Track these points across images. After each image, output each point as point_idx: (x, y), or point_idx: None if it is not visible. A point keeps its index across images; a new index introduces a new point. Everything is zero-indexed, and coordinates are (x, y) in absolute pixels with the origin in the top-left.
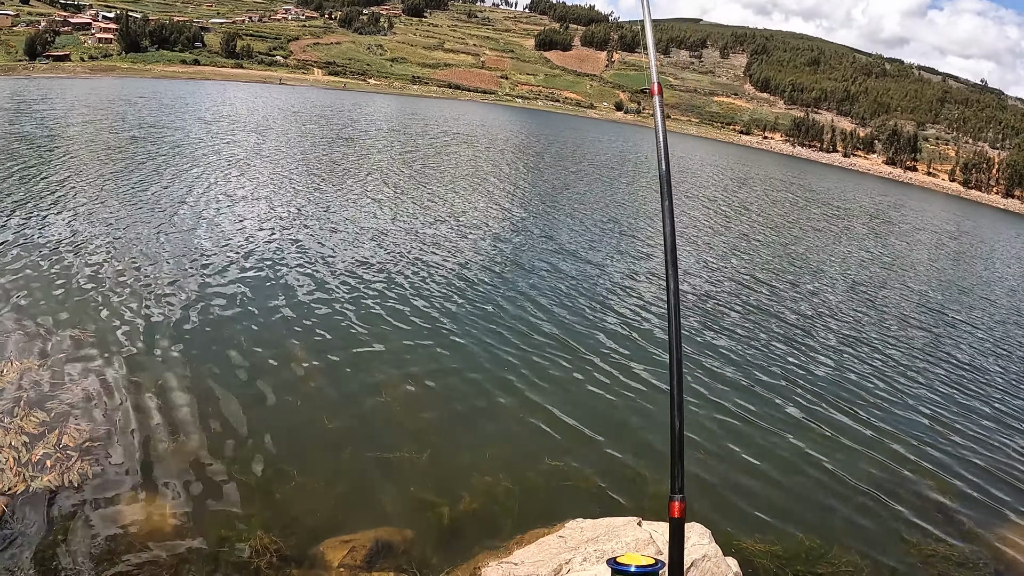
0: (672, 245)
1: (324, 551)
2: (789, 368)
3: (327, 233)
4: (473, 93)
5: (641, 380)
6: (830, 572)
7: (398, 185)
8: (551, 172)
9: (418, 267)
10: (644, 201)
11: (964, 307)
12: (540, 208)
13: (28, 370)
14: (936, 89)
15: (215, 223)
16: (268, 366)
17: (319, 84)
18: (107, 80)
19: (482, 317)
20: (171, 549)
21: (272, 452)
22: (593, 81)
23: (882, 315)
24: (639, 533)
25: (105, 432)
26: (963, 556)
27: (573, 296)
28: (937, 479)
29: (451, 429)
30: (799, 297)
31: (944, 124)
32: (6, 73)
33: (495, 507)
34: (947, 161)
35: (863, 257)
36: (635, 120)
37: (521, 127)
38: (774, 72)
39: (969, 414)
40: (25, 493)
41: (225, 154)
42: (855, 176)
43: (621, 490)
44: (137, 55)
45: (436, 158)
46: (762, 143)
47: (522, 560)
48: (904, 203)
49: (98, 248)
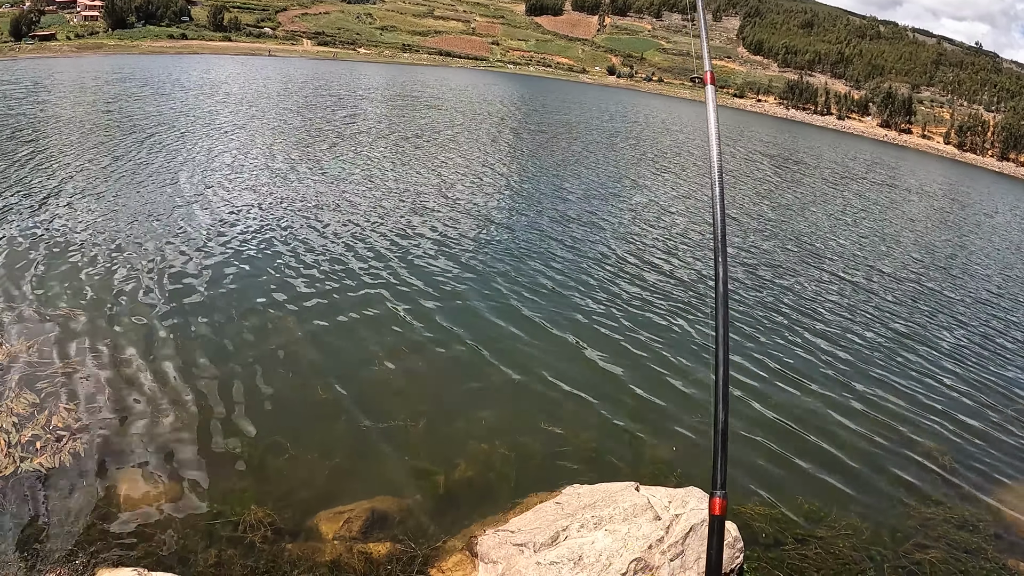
0: (722, 233)
1: (319, 523)
2: (785, 330)
3: (316, 204)
4: (464, 60)
5: (638, 344)
6: (830, 535)
7: (388, 154)
8: (550, 140)
9: (410, 235)
10: (650, 165)
11: (974, 276)
12: (534, 172)
13: (18, 352)
14: (931, 52)
15: (203, 198)
16: (259, 338)
17: (308, 55)
18: (94, 58)
19: (476, 283)
20: (164, 526)
21: (264, 425)
22: (585, 46)
23: (885, 277)
24: (636, 498)
25: (96, 411)
26: (962, 518)
27: (568, 261)
28: (937, 442)
29: (446, 397)
30: (797, 258)
31: (939, 87)
32: None
33: (491, 474)
34: (942, 124)
35: (844, 207)
36: (628, 84)
37: (514, 93)
38: (767, 35)
39: (971, 379)
40: (15, 475)
41: (213, 129)
42: (849, 139)
43: (619, 455)
44: (124, 32)
45: (428, 126)
46: (756, 106)
47: (519, 527)
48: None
49: (85, 227)
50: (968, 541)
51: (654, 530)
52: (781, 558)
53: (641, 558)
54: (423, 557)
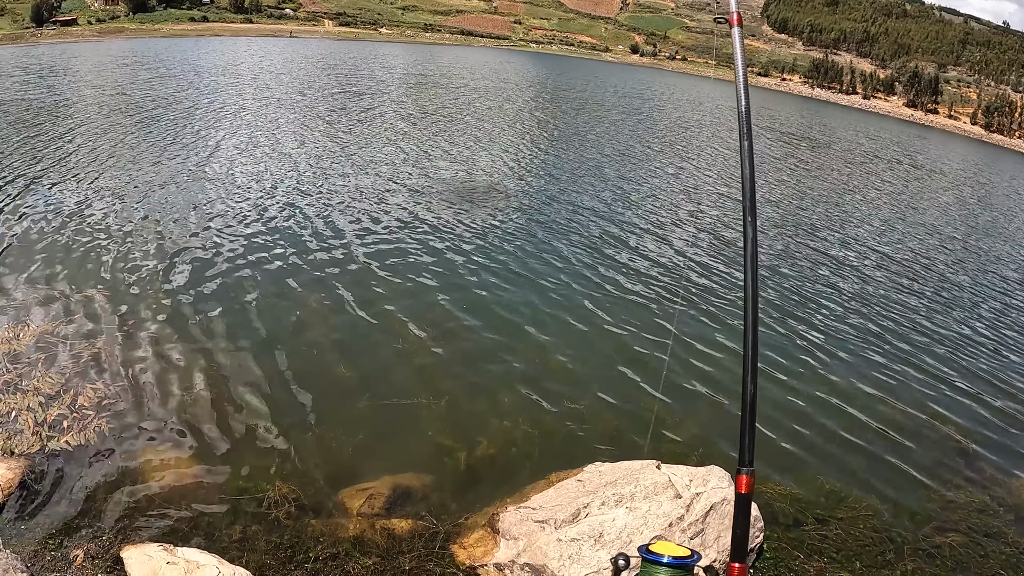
0: (751, 190)
1: (342, 500)
2: (807, 308)
3: (340, 181)
4: (486, 39)
5: (663, 323)
6: (849, 516)
7: (413, 133)
8: (571, 116)
9: (433, 211)
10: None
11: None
12: (562, 152)
13: (44, 332)
14: (957, 30)
15: (228, 177)
16: (283, 316)
17: (330, 36)
18: (115, 43)
19: (499, 260)
20: (189, 502)
21: (289, 402)
22: (608, 24)
23: (916, 257)
24: (658, 476)
25: (120, 389)
26: (983, 503)
27: (593, 239)
28: (960, 425)
29: (469, 374)
30: (827, 235)
31: (966, 66)
32: (13, 41)
33: (513, 452)
34: (969, 104)
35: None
36: (651, 63)
37: (537, 72)
38: (792, 12)
39: (996, 362)
40: (42, 453)
41: (238, 110)
42: (876, 118)
43: (641, 433)
44: (145, 15)
45: (453, 105)
46: (780, 85)
47: (540, 504)
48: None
49: (112, 208)
50: (989, 525)
51: (675, 508)
52: (801, 538)
53: (661, 536)
54: (445, 533)
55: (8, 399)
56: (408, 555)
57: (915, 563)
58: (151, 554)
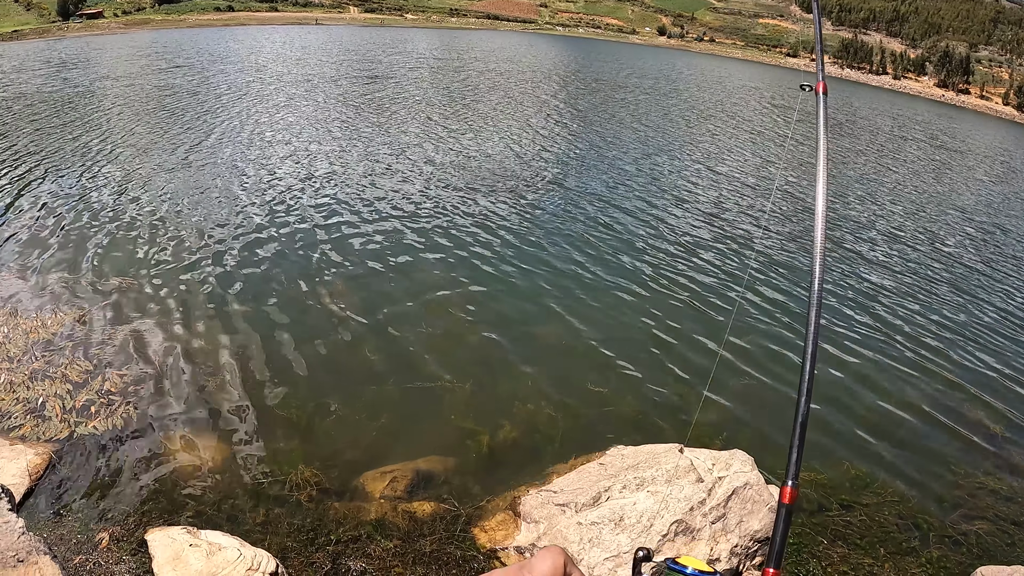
0: (823, 232)
1: (365, 483)
2: (837, 293)
3: (366, 168)
4: (512, 23)
5: (691, 309)
6: (875, 502)
7: (440, 119)
8: (593, 98)
9: (458, 197)
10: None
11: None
12: (587, 137)
13: (72, 320)
14: (989, 9)
15: (253, 167)
16: (307, 302)
17: (356, 22)
18: (141, 34)
19: (523, 244)
20: (213, 486)
21: (313, 386)
22: (635, 6)
23: (954, 244)
24: (680, 460)
25: (146, 375)
26: (1012, 490)
27: (620, 223)
28: (990, 412)
29: (492, 358)
30: (874, 221)
31: (997, 46)
32: (40, 35)
33: (536, 435)
34: (1001, 84)
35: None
36: (679, 45)
37: (565, 55)
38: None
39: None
40: (71, 439)
41: (268, 99)
42: (905, 98)
43: (664, 417)
44: (170, 6)
45: (481, 90)
46: (809, 65)
47: (561, 488)
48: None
49: (138, 197)
50: (1017, 514)
51: (696, 492)
52: (825, 524)
53: (682, 520)
54: (467, 516)
55: (37, 386)
56: (429, 538)
57: (940, 550)
58: (175, 536)
